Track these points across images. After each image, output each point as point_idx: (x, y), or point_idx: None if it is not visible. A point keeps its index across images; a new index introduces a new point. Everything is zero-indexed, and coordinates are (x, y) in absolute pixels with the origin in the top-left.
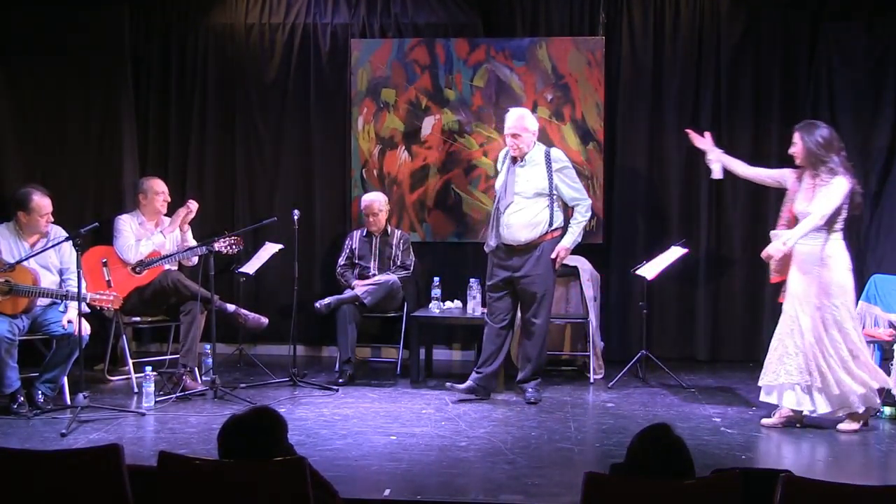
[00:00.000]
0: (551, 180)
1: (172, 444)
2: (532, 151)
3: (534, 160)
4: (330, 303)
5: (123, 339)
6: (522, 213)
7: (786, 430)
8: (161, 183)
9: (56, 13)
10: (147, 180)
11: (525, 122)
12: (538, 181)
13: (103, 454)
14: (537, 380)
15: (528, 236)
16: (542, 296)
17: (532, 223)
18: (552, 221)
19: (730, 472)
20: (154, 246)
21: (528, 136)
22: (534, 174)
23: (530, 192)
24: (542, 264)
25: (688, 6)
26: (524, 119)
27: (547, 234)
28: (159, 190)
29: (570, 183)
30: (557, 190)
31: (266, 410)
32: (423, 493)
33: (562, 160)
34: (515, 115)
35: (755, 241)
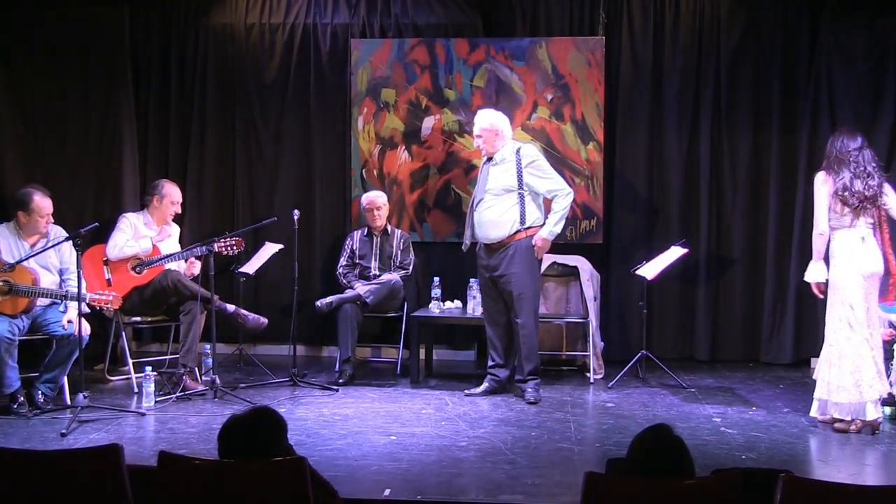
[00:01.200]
0: (520, 177)
1: (172, 444)
2: (503, 150)
3: (505, 158)
4: (332, 301)
5: (123, 339)
6: (491, 211)
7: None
8: (178, 192)
9: (56, 13)
10: (166, 184)
11: (487, 122)
12: (507, 178)
13: (103, 454)
14: (536, 379)
15: (499, 234)
16: (519, 294)
17: (500, 221)
18: (524, 219)
19: (730, 472)
20: (140, 249)
21: (492, 135)
22: (503, 172)
23: (499, 189)
24: (517, 263)
25: (688, 6)
26: (487, 119)
27: (519, 233)
28: (176, 199)
29: (541, 175)
30: (529, 186)
31: (266, 410)
32: (423, 493)
33: (530, 155)
34: (480, 115)
35: (755, 241)
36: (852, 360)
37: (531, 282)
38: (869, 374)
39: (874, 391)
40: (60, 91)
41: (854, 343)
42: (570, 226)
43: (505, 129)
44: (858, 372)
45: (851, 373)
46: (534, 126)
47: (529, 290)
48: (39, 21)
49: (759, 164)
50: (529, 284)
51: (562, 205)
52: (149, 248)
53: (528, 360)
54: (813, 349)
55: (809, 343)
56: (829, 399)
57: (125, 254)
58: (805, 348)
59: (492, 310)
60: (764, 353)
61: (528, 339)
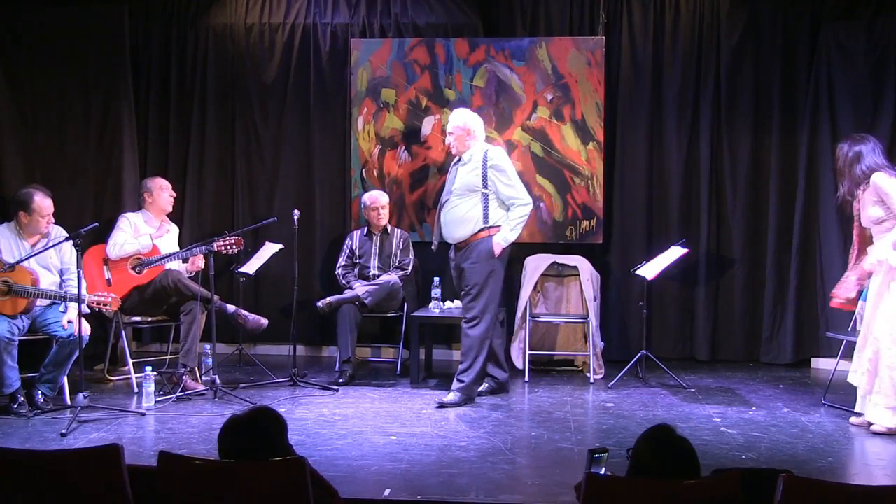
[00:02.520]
0: (485, 177)
1: (172, 444)
2: (472, 150)
3: (472, 159)
4: (331, 302)
5: (123, 339)
6: (455, 210)
7: (782, 431)
8: (164, 180)
9: (56, 13)
10: (149, 180)
11: (461, 121)
12: (472, 178)
13: (103, 454)
14: (462, 383)
15: (462, 233)
16: (471, 286)
17: (464, 219)
18: (487, 218)
19: (730, 472)
20: (140, 247)
21: (464, 134)
22: (469, 172)
23: (463, 189)
24: (476, 259)
25: (688, 6)
26: (461, 118)
27: (482, 232)
28: (163, 185)
29: (504, 181)
30: (494, 187)
31: (266, 410)
32: (423, 493)
33: (496, 158)
34: (454, 114)
35: (755, 241)
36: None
37: (486, 279)
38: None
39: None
40: (60, 91)
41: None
42: (570, 226)
43: (477, 129)
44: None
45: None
46: (534, 126)
47: (485, 285)
48: (39, 21)
49: (759, 164)
50: (482, 280)
51: (517, 213)
52: (148, 245)
53: (462, 357)
54: (813, 349)
55: (809, 343)
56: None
57: (126, 252)
58: (805, 348)
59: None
60: (764, 353)
61: (474, 340)
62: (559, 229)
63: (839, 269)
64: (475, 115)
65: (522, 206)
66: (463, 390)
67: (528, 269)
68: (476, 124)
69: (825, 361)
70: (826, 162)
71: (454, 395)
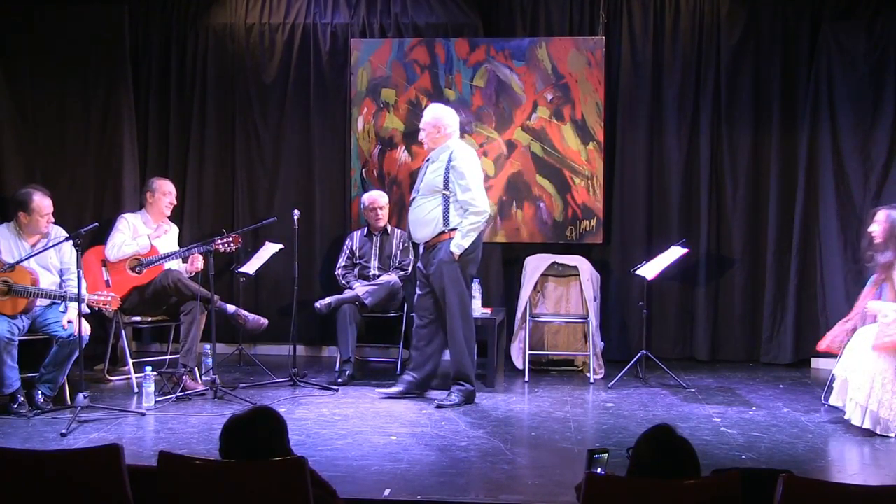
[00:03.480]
0: (447, 178)
1: (172, 444)
2: (441, 149)
3: (440, 158)
4: (331, 303)
5: (123, 339)
6: (419, 210)
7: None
8: (170, 185)
9: (56, 13)
10: (156, 180)
11: (431, 116)
12: (435, 178)
13: (103, 454)
14: (461, 386)
15: (424, 234)
16: (437, 293)
17: (425, 220)
18: (447, 220)
19: (730, 472)
20: (138, 248)
21: (434, 130)
22: (435, 171)
23: (428, 189)
24: (436, 264)
25: (688, 6)
26: (432, 113)
27: (443, 235)
28: (167, 191)
29: (461, 184)
30: (453, 189)
31: (266, 410)
32: (423, 493)
33: (459, 158)
34: (427, 109)
35: (755, 241)
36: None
37: (452, 282)
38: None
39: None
40: (60, 91)
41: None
42: (570, 226)
43: (448, 126)
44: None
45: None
46: (534, 126)
47: (451, 288)
48: (39, 21)
49: (759, 164)
50: (448, 283)
51: (470, 220)
52: (147, 246)
53: (453, 364)
54: (813, 349)
55: (809, 343)
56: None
57: (124, 253)
58: (805, 348)
59: (419, 303)
60: (764, 353)
61: (455, 342)
62: (559, 229)
63: (839, 269)
64: (449, 111)
65: (475, 214)
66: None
67: (528, 269)
68: (448, 120)
69: (825, 361)
70: (826, 162)
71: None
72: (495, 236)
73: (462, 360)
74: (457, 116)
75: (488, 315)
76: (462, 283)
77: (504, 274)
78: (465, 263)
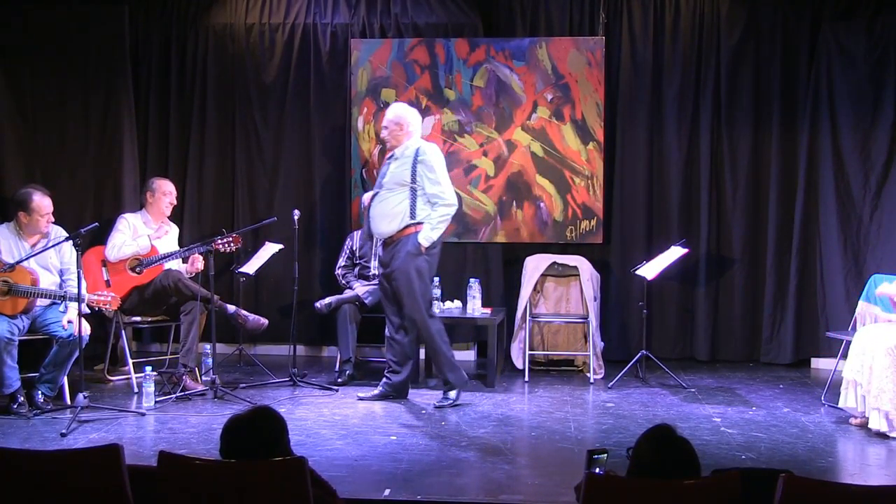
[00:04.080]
0: (414, 172)
1: (172, 444)
2: (406, 146)
3: (405, 154)
4: (331, 303)
5: (123, 339)
6: (383, 204)
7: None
8: (170, 184)
9: (56, 13)
10: (156, 180)
11: (393, 115)
12: (401, 172)
13: (103, 454)
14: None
15: (388, 228)
16: (404, 287)
17: (390, 214)
18: (414, 213)
19: (730, 472)
20: (138, 248)
21: (397, 128)
22: (401, 166)
23: (392, 183)
24: (402, 257)
25: (688, 6)
26: (394, 111)
27: (408, 228)
28: (167, 191)
29: (430, 177)
30: (421, 182)
31: (266, 410)
32: (423, 493)
33: (427, 153)
34: (390, 108)
35: (755, 241)
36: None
37: (416, 276)
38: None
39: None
40: (60, 91)
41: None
42: (570, 226)
43: (411, 124)
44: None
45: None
46: (534, 126)
47: (413, 283)
48: (39, 21)
49: (759, 164)
50: (414, 277)
51: (439, 213)
52: (147, 246)
53: (439, 370)
54: (813, 349)
55: (809, 343)
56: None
57: (124, 254)
58: (805, 348)
59: (387, 309)
60: (764, 353)
61: (429, 340)
62: (559, 229)
63: (839, 269)
64: (411, 110)
65: (445, 206)
66: (454, 381)
67: (528, 269)
68: (410, 118)
69: (825, 361)
70: (826, 161)
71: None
72: (495, 236)
73: (448, 362)
74: (419, 116)
75: (488, 315)
76: (427, 277)
77: (504, 274)
78: (429, 257)
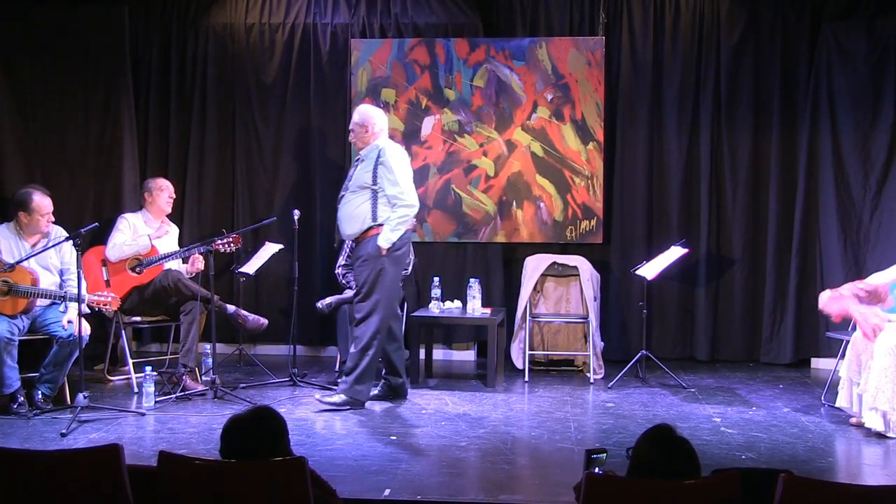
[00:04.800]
0: (375, 173)
1: (172, 444)
2: (370, 147)
3: (369, 156)
4: (331, 303)
5: (123, 339)
6: (347, 206)
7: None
8: (165, 181)
9: (56, 13)
10: (151, 180)
11: (358, 116)
12: (365, 175)
13: (103, 454)
14: (347, 383)
15: (352, 230)
16: (360, 285)
17: (353, 216)
18: (375, 216)
19: (730, 472)
20: (139, 248)
21: (362, 130)
22: (364, 168)
23: (356, 185)
24: (364, 259)
25: (688, 6)
26: (359, 113)
27: (371, 230)
28: (163, 186)
29: (389, 178)
30: (382, 184)
31: (266, 410)
32: (423, 493)
33: (387, 154)
34: (356, 109)
35: (755, 241)
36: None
37: (376, 278)
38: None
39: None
40: (60, 91)
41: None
42: (570, 226)
43: (375, 125)
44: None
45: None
46: (534, 126)
47: (373, 284)
48: (39, 21)
49: (759, 164)
50: (373, 279)
51: (399, 213)
52: (147, 246)
53: (348, 370)
54: (813, 349)
55: (809, 343)
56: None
57: (125, 254)
58: (805, 348)
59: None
60: (764, 353)
61: (360, 341)
62: (559, 229)
63: (839, 269)
64: (376, 111)
65: (404, 207)
66: (346, 391)
67: (528, 269)
68: (375, 119)
69: (825, 361)
70: (826, 161)
71: (338, 397)
72: (495, 236)
73: (362, 359)
74: (385, 117)
75: (488, 315)
76: (389, 278)
77: (504, 274)
78: (393, 260)
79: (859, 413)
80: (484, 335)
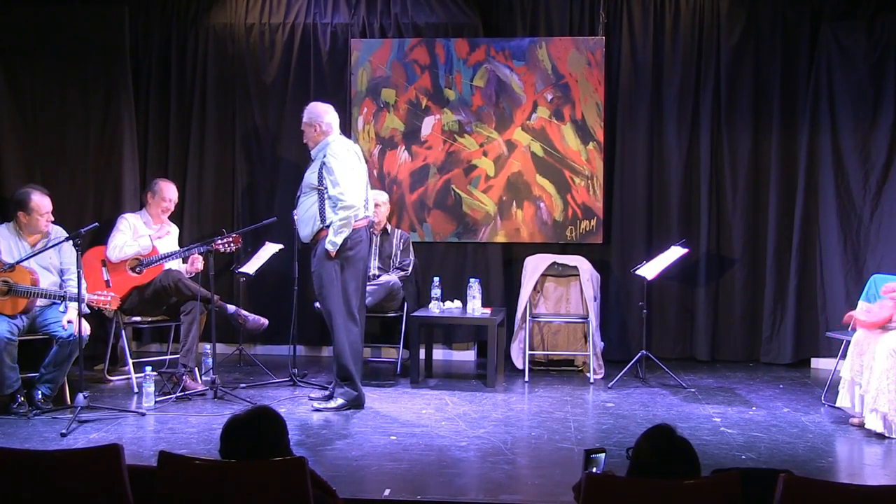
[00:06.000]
0: (321, 174)
1: (172, 444)
2: (319, 146)
3: (318, 156)
4: None
5: (123, 339)
6: (300, 208)
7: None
8: (173, 190)
9: (56, 13)
10: (161, 182)
11: (307, 116)
12: (311, 175)
13: (103, 454)
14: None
15: (305, 233)
16: (316, 290)
17: (304, 218)
18: (324, 217)
19: (730, 472)
20: (140, 248)
21: (311, 129)
22: (311, 169)
23: (306, 186)
24: (315, 262)
25: (688, 6)
26: (307, 112)
27: (322, 231)
28: (167, 197)
29: (330, 178)
30: (325, 185)
31: (266, 410)
32: (423, 493)
33: (331, 154)
34: (305, 110)
35: (755, 241)
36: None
37: (327, 281)
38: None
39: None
40: (60, 91)
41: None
42: (570, 226)
43: (323, 123)
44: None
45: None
46: (534, 126)
47: (326, 287)
48: (39, 21)
49: (759, 164)
50: (325, 282)
51: (339, 216)
52: (148, 247)
53: (335, 365)
54: (813, 349)
55: (809, 343)
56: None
57: (126, 254)
58: (805, 348)
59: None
60: (764, 353)
61: (336, 342)
62: (559, 229)
63: (839, 269)
64: (323, 108)
65: (344, 209)
66: (342, 395)
67: (528, 269)
68: (324, 117)
69: (825, 361)
70: (826, 162)
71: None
72: (495, 236)
73: (341, 361)
74: (334, 113)
75: (488, 315)
76: (339, 280)
77: (504, 274)
78: (344, 261)
79: (861, 413)
80: (484, 335)
